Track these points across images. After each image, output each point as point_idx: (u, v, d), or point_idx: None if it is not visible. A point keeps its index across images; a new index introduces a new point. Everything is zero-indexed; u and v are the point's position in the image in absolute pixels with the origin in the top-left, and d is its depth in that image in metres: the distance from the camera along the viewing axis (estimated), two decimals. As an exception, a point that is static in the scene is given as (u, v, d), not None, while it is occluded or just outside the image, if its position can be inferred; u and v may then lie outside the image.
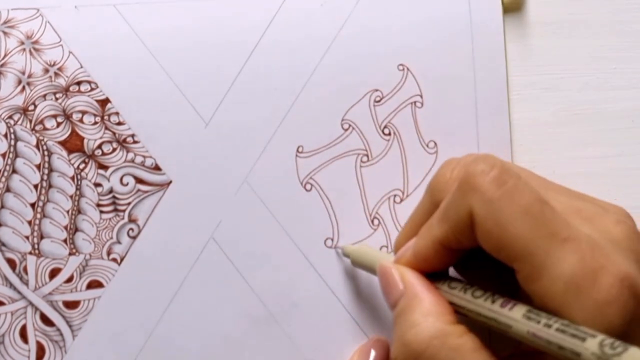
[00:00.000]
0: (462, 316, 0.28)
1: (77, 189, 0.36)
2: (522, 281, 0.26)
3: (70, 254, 0.36)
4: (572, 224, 0.26)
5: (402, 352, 0.28)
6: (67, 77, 0.36)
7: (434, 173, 0.32)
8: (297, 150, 0.37)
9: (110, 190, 0.36)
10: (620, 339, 0.23)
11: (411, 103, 0.37)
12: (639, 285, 0.25)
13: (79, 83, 0.36)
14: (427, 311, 0.28)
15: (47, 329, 0.36)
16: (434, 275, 0.30)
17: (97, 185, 0.36)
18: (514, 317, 0.26)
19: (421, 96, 0.37)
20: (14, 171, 0.36)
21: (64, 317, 0.36)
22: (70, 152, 0.36)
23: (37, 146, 0.36)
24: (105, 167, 0.36)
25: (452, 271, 0.31)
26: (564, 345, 0.24)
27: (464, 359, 0.27)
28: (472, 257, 0.30)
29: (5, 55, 0.36)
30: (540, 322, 0.25)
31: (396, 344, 0.29)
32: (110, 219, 0.36)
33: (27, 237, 0.36)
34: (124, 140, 0.36)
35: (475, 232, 0.27)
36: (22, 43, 0.37)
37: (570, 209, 0.28)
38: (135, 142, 0.36)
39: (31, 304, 0.36)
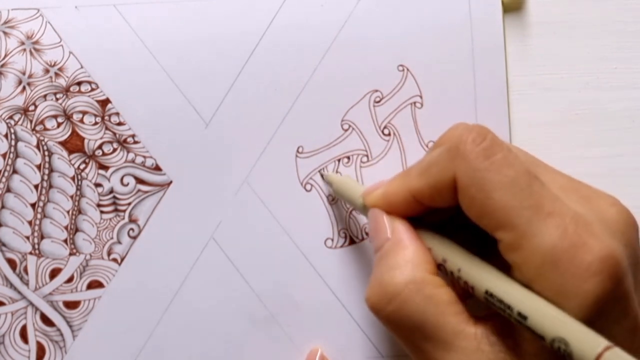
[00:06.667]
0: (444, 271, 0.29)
1: (77, 189, 0.36)
2: (502, 250, 0.26)
3: (70, 254, 0.36)
4: (561, 200, 0.26)
5: (377, 292, 0.28)
6: (67, 77, 0.36)
7: (445, 131, 0.30)
8: (297, 151, 0.37)
9: (111, 191, 0.36)
10: (592, 318, 0.23)
11: (411, 103, 0.37)
12: (622, 267, 0.24)
13: (79, 83, 0.37)
14: (409, 258, 0.28)
15: (48, 329, 0.36)
16: (419, 222, 0.30)
17: (97, 185, 0.36)
18: (477, 293, 0.27)
19: (421, 97, 0.37)
20: (15, 171, 0.36)
21: (64, 317, 0.36)
22: (70, 152, 0.36)
23: (37, 146, 0.36)
24: (105, 168, 0.36)
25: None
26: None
27: (436, 308, 0.27)
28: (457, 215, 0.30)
29: (5, 56, 0.36)
30: (499, 309, 0.26)
31: (372, 284, 0.29)
32: (110, 219, 0.36)
33: (28, 237, 0.36)
34: (125, 141, 0.36)
35: (459, 197, 0.27)
36: (23, 43, 0.37)
37: (568, 187, 0.28)
38: (135, 142, 0.36)
39: (31, 304, 0.36)
